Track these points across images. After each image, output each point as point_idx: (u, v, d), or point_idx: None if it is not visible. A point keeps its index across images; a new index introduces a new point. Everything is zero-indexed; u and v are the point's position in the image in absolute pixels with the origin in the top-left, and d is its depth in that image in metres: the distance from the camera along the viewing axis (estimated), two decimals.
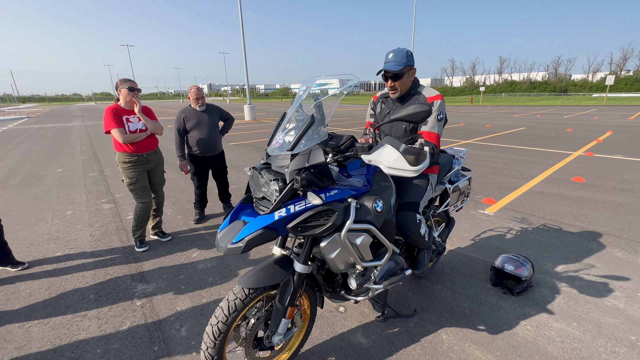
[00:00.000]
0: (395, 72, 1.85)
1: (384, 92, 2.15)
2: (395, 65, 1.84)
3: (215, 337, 1.41)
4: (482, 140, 9.88)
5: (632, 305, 2.23)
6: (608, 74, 43.62)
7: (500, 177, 5.59)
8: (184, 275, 2.70)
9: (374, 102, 2.22)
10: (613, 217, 3.74)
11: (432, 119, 1.89)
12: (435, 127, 1.90)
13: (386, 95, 2.12)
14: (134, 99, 2.92)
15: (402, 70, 1.86)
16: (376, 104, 2.20)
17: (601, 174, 5.64)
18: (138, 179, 3.02)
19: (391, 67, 1.85)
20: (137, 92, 2.92)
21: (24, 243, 3.32)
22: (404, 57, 1.85)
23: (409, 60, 1.87)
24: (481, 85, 40.53)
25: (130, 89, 2.87)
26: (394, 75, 1.88)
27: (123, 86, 2.86)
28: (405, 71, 1.88)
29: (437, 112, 1.89)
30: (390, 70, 1.84)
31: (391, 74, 1.87)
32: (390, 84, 1.93)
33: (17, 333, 2.06)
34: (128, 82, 2.89)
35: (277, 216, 1.27)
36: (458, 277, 2.63)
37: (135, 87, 2.90)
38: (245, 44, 18.03)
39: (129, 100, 2.91)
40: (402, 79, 1.90)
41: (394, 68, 1.84)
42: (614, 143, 8.87)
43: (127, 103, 2.93)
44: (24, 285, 2.58)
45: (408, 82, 1.94)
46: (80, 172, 6.41)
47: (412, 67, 1.91)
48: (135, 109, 2.93)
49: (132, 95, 2.89)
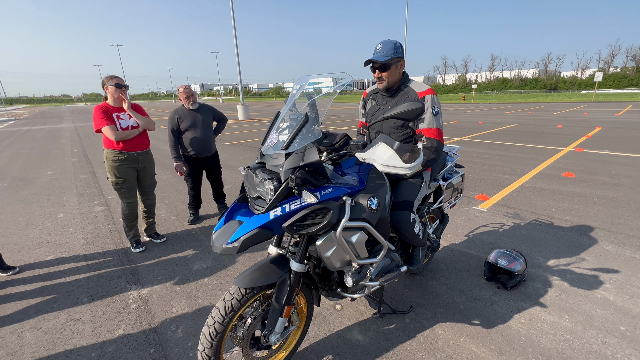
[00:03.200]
0: (383, 63, 1.85)
1: (373, 88, 2.15)
2: (383, 55, 1.84)
3: (212, 338, 1.40)
4: (475, 137, 9.98)
5: (622, 297, 2.28)
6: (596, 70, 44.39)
7: (492, 173, 5.65)
8: (179, 277, 2.69)
9: (364, 99, 2.23)
10: (603, 211, 3.82)
11: (428, 114, 1.89)
12: (433, 122, 1.89)
13: (376, 91, 2.11)
14: (122, 96, 2.86)
15: (390, 61, 1.85)
16: (366, 101, 2.20)
17: (591, 169, 5.74)
18: (126, 178, 2.97)
19: (378, 57, 1.85)
20: (124, 88, 2.87)
21: (15, 247, 3.26)
22: (391, 48, 1.85)
23: (397, 51, 1.86)
24: (473, 83, 40.94)
25: (117, 85, 2.82)
26: (382, 66, 1.88)
27: (109, 83, 2.81)
28: (393, 62, 1.88)
29: (432, 107, 1.88)
30: (377, 60, 1.84)
31: (378, 64, 1.87)
32: (377, 75, 1.93)
33: (10, 339, 2.02)
34: (114, 79, 2.83)
35: (273, 215, 1.27)
36: (452, 272, 2.66)
37: (122, 84, 2.85)
38: (237, 43, 17.90)
39: (116, 97, 2.85)
40: (390, 70, 1.89)
41: (381, 58, 1.84)
42: (602, 138, 9.03)
43: (116, 100, 2.88)
44: (15, 290, 2.54)
45: (396, 74, 1.93)
46: (71, 174, 6.31)
47: (400, 59, 1.90)
48: (124, 105, 2.88)
49: (119, 92, 2.84)
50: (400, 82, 1.97)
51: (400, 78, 1.96)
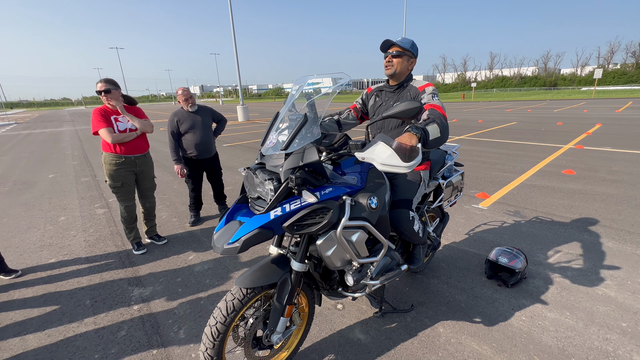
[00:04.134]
0: (400, 47, 1.91)
1: (379, 85, 2.17)
2: (403, 42, 1.92)
3: (214, 338, 1.41)
4: (475, 135, 9.98)
5: (623, 293, 2.28)
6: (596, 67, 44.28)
7: (493, 171, 5.66)
8: (181, 278, 2.70)
9: (367, 93, 2.23)
10: (603, 208, 3.82)
11: (428, 97, 1.87)
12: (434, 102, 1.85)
13: (380, 89, 2.13)
14: (110, 102, 2.82)
15: (405, 51, 1.92)
16: (369, 96, 2.21)
17: (591, 166, 5.74)
18: (124, 182, 2.97)
19: (399, 41, 1.91)
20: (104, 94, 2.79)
21: (17, 251, 3.27)
22: (409, 43, 1.93)
23: (414, 49, 1.96)
24: (472, 81, 40.94)
25: (97, 92, 2.79)
26: (397, 52, 1.91)
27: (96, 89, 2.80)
28: (407, 54, 1.94)
29: (431, 94, 1.89)
30: (396, 43, 1.90)
31: (396, 47, 1.92)
32: (388, 59, 1.95)
33: (13, 342, 2.03)
34: (98, 83, 2.79)
35: (273, 215, 1.28)
36: (454, 271, 2.66)
37: (102, 89, 2.77)
38: (236, 44, 17.92)
39: (105, 103, 2.84)
40: (402, 59, 1.94)
41: (401, 43, 1.91)
42: (603, 135, 9.02)
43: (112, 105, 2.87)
44: (17, 293, 2.55)
45: (405, 67, 1.97)
46: (72, 177, 6.33)
47: (413, 56, 1.97)
48: (118, 109, 2.86)
49: (103, 98, 2.81)
50: (405, 79, 2.01)
51: (407, 74, 2.01)
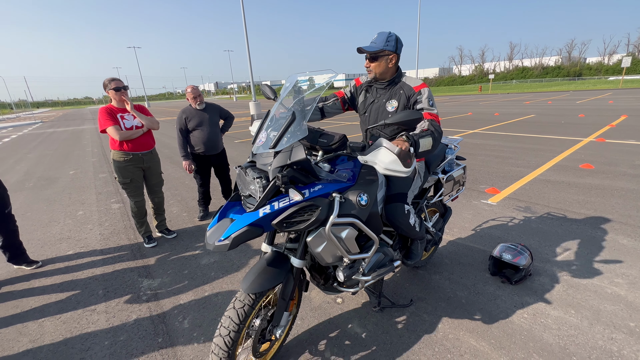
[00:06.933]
0: (370, 53, 1.81)
1: (369, 80, 2.07)
2: (372, 46, 1.80)
3: (228, 347, 1.40)
4: (490, 129, 9.70)
5: (634, 292, 2.20)
6: (625, 55, 41.74)
7: (506, 166, 5.50)
8: (188, 270, 2.79)
9: (355, 86, 2.14)
10: (621, 204, 3.66)
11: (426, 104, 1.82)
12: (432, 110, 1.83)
13: (370, 84, 2.04)
14: (124, 97, 2.95)
15: (377, 53, 1.80)
16: (359, 90, 2.12)
17: (612, 160, 5.49)
18: (132, 178, 3.08)
19: (366, 46, 1.81)
20: (123, 90, 2.93)
21: (38, 243, 3.47)
22: (383, 40, 1.79)
23: (389, 44, 1.79)
24: (490, 73, 39.54)
25: (116, 89, 2.89)
26: (371, 57, 1.84)
27: (110, 87, 2.89)
28: (381, 55, 1.82)
29: (428, 99, 1.83)
30: (364, 49, 1.80)
31: (366, 53, 1.83)
32: (366, 64, 1.89)
33: (32, 327, 2.18)
34: (113, 82, 2.90)
35: (262, 213, 1.30)
36: (457, 267, 2.63)
37: (121, 86, 2.91)
38: (248, 40, 18.00)
39: (118, 100, 2.94)
40: (378, 61, 1.84)
41: (368, 48, 1.80)
42: (627, 128, 8.58)
43: (119, 102, 2.97)
44: (37, 283, 2.72)
45: (384, 66, 1.86)
46: (91, 173, 6.61)
47: (391, 53, 1.82)
48: (127, 107, 2.97)
49: (119, 94, 2.92)
50: (394, 76, 1.92)
51: (392, 72, 1.91)
